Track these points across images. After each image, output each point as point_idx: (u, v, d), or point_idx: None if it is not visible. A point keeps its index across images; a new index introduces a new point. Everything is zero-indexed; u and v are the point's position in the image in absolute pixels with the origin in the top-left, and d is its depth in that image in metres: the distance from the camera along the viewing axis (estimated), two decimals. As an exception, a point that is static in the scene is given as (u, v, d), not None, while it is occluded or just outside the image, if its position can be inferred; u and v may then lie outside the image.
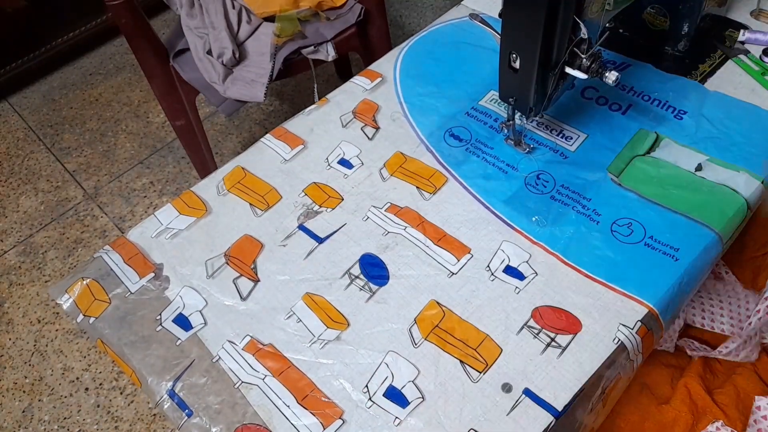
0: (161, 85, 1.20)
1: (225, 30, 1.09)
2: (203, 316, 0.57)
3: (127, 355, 0.55)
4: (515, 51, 0.56)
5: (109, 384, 1.25)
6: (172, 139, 1.71)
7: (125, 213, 1.56)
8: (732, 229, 0.58)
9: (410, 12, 2.02)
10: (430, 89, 0.74)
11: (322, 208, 0.64)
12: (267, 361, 0.53)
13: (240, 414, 0.51)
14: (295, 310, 0.56)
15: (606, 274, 0.55)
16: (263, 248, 0.61)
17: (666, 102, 0.68)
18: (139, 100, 1.85)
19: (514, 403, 0.49)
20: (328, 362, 0.53)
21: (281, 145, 0.70)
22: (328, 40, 1.13)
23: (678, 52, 0.72)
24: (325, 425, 0.49)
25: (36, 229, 1.55)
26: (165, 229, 0.64)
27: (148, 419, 1.20)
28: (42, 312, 1.38)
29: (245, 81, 1.10)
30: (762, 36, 0.72)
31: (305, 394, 0.51)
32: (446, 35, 0.81)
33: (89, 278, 0.61)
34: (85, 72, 1.96)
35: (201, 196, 0.67)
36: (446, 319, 0.54)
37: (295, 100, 1.79)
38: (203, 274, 0.60)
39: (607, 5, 0.54)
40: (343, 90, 0.76)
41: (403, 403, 0.50)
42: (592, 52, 0.55)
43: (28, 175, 1.68)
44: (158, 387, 0.53)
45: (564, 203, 0.61)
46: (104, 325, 0.58)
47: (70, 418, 1.22)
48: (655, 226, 0.58)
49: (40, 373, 1.29)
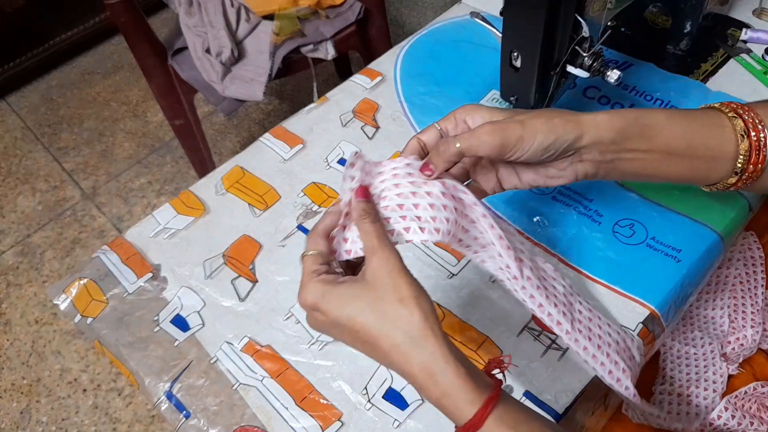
0: (160, 84, 1.19)
1: (224, 28, 1.09)
2: (201, 316, 0.57)
3: (125, 356, 0.55)
4: (516, 49, 0.55)
5: (107, 385, 1.25)
6: (170, 138, 1.71)
7: (123, 213, 1.56)
8: (734, 229, 0.58)
9: (410, 10, 2.02)
10: (431, 88, 0.73)
11: (322, 208, 0.63)
12: (265, 363, 0.53)
13: (238, 415, 0.50)
14: (293, 311, 0.56)
15: (607, 276, 0.55)
16: (262, 248, 0.61)
17: (668, 101, 0.67)
18: (138, 100, 1.84)
19: (515, 405, 0.48)
20: (327, 364, 0.52)
21: (280, 145, 0.70)
22: (328, 39, 1.13)
23: (680, 51, 0.72)
24: (323, 427, 0.49)
25: (34, 229, 1.55)
26: (163, 229, 0.64)
27: (147, 420, 1.19)
28: (40, 312, 1.38)
29: (244, 80, 1.10)
30: (764, 35, 0.71)
31: (304, 396, 0.51)
32: (447, 34, 0.80)
33: (87, 278, 0.60)
34: (83, 71, 1.95)
35: (199, 195, 0.66)
36: (446, 320, 0.54)
37: (295, 99, 1.79)
38: (201, 274, 0.60)
39: (608, 4, 0.53)
40: (343, 89, 0.75)
41: (403, 405, 0.49)
42: (593, 51, 0.55)
43: (25, 175, 1.67)
44: (156, 388, 0.53)
45: (565, 204, 0.60)
46: (102, 326, 0.57)
47: (68, 419, 1.21)
48: (657, 227, 0.57)
49: (38, 374, 1.28)
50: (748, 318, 0.65)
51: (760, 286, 0.67)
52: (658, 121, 0.44)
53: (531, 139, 0.42)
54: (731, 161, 0.45)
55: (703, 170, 0.46)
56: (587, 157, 0.44)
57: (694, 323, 0.67)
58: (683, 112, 0.46)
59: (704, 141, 0.45)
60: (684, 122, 0.45)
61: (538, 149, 0.42)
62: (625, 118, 0.44)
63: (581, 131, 0.42)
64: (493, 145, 0.41)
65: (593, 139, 0.43)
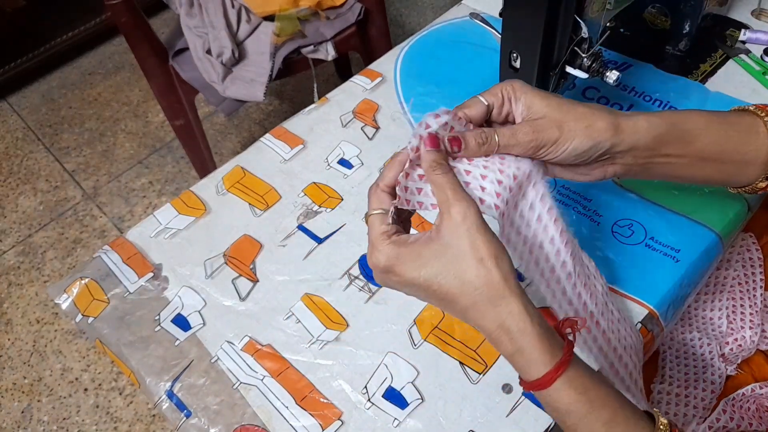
0: (160, 84, 1.20)
1: (224, 29, 1.09)
2: (202, 316, 0.57)
3: (126, 355, 0.55)
4: (516, 50, 0.55)
5: (108, 384, 1.25)
6: (171, 138, 1.71)
7: (124, 213, 1.56)
8: (733, 230, 0.58)
9: (410, 11, 2.02)
10: (431, 89, 0.73)
11: (322, 208, 0.64)
12: (266, 362, 0.53)
13: (239, 415, 0.51)
14: (294, 311, 0.56)
15: (606, 276, 0.55)
16: (262, 248, 0.61)
17: (667, 102, 0.68)
18: (139, 100, 1.84)
19: (514, 404, 0.48)
20: (327, 363, 0.52)
21: (281, 145, 0.70)
22: (328, 40, 1.13)
23: (679, 51, 0.72)
24: (323, 426, 0.49)
25: (35, 229, 1.55)
26: (164, 229, 0.64)
27: (147, 420, 1.19)
28: (41, 312, 1.38)
29: (244, 80, 1.10)
30: (763, 35, 0.72)
31: (304, 395, 0.51)
32: (447, 34, 0.80)
33: (88, 278, 0.61)
34: (84, 71, 1.96)
35: (200, 195, 0.67)
36: (446, 320, 0.54)
37: (295, 100, 1.79)
38: (202, 274, 0.60)
39: (607, 4, 0.53)
40: (343, 89, 0.76)
41: (403, 405, 0.49)
42: (592, 52, 0.55)
43: (27, 175, 1.68)
44: (157, 387, 0.53)
45: (565, 204, 0.60)
46: (103, 325, 0.57)
47: (69, 418, 1.21)
48: (656, 227, 0.57)
49: (39, 373, 1.28)
50: (746, 319, 0.65)
51: (759, 288, 0.67)
52: (697, 126, 0.44)
53: (566, 143, 0.41)
54: (763, 166, 0.45)
55: (733, 174, 0.45)
56: (620, 161, 0.44)
57: (693, 324, 0.67)
58: (720, 116, 0.45)
59: (737, 146, 0.44)
60: (721, 128, 0.44)
61: (571, 154, 0.42)
62: (665, 124, 0.43)
63: (620, 138, 0.42)
64: (528, 147, 0.41)
65: (630, 146, 0.42)
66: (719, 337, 0.65)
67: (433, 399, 0.49)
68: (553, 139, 0.41)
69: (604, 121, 0.42)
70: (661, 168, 0.45)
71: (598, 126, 0.41)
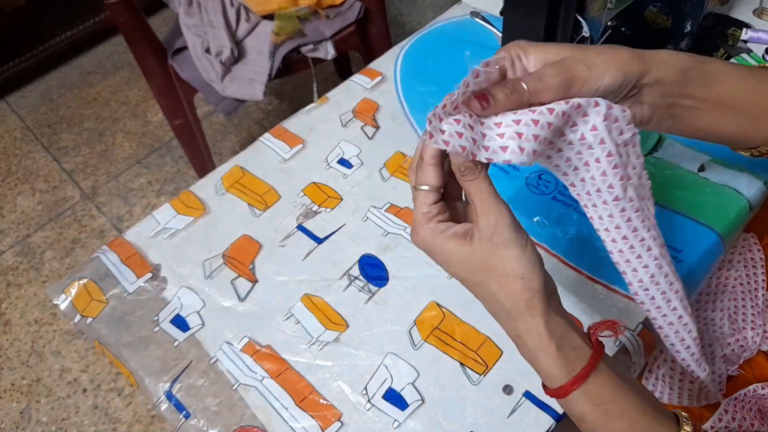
0: (159, 84, 1.19)
1: (223, 28, 1.09)
2: (201, 317, 0.57)
3: (125, 356, 0.55)
4: (516, 49, 0.55)
5: (107, 385, 1.25)
6: (170, 138, 1.71)
7: (123, 213, 1.56)
8: (734, 230, 0.58)
9: (410, 10, 2.02)
10: (431, 88, 0.73)
11: (322, 208, 0.63)
12: (265, 363, 0.53)
13: (238, 416, 0.50)
14: (293, 311, 0.56)
15: (607, 276, 0.54)
16: (262, 249, 0.61)
17: (668, 101, 0.67)
18: (137, 99, 1.84)
19: (515, 406, 0.48)
20: (327, 364, 0.52)
21: (280, 145, 0.70)
22: (328, 39, 1.13)
23: (680, 50, 0.72)
24: (323, 427, 0.49)
25: (33, 229, 1.54)
26: (163, 229, 0.64)
27: (146, 421, 1.19)
28: (39, 313, 1.38)
29: (244, 80, 1.10)
30: (765, 35, 0.71)
31: (304, 396, 0.51)
32: (447, 33, 0.80)
33: (86, 278, 0.60)
34: (82, 71, 1.95)
35: (199, 195, 0.66)
36: (446, 320, 0.54)
37: (294, 99, 1.79)
38: (201, 274, 0.60)
39: (609, 3, 0.53)
40: (343, 89, 0.75)
41: (403, 406, 0.49)
42: (594, 51, 0.55)
43: (25, 175, 1.67)
44: (156, 388, 0.53)
45: (566, 204, 0.60)
46: (101, 326, 0.57)
47: (68, 419, 1.21)
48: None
49: (38, 374, 1.28)
50: (748, 320, 0.65)
51: (760, 288, 0.67)
52: (717, 69, 0.42)
53: (598, 81, 0.38)
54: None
55: (748, 129, 0.44)
56: (647, 99, 0.41)
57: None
58: (740, 66, 0.44)
59: (756, 98, 0.43)
60: (741, 75, 0.43)
61: (605, 92, 0.39)
62: (688, 59, 0.42)
63: (647, 66, 0.40)
64: (558, 90, 0.37)
65: (657, 77, 0.40)
66: (720, 338, 0.65)
67: (433, 400, 0.49)
68: (583, 77, 0.38)
69: (626, 52, 0.39)
70: (685, 113, 0.43)
71: (622, 57, 0.39)
